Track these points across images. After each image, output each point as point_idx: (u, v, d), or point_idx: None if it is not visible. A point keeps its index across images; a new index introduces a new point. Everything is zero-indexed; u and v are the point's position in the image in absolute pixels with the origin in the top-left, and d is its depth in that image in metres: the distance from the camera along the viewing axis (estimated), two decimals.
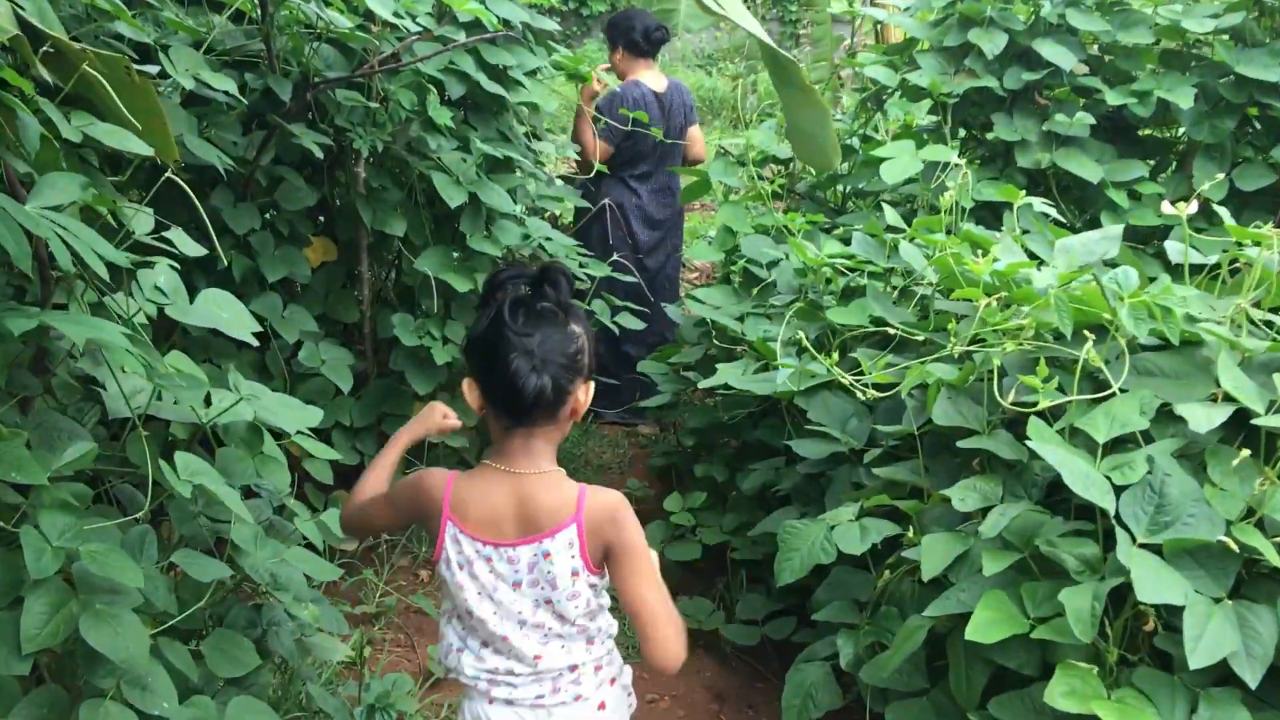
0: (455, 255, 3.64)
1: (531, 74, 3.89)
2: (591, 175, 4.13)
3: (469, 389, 1.67)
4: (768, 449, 3.43)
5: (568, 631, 1.70)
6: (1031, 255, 2.62)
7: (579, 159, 4.70)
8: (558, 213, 4.07)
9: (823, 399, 2.72)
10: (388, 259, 3.83)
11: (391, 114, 3.39)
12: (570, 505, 1.65)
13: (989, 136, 3.78)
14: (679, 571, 3.57)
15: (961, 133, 3.95)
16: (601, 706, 1.75)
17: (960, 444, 2.05)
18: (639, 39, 4.65)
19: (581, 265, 3.94)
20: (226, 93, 2.46)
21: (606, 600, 1.75)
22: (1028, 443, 1.82)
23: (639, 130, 4.44)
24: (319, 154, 3.03)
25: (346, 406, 3.64)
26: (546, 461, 1.68)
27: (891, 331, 2.65)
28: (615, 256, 4.33)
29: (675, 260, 4.93)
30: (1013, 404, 1.98)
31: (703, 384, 3.08)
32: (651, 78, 4.70)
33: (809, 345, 2.55)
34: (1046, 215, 2.87)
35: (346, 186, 3.60)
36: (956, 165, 2.90)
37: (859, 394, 2.41)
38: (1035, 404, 1.93)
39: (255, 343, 2.12)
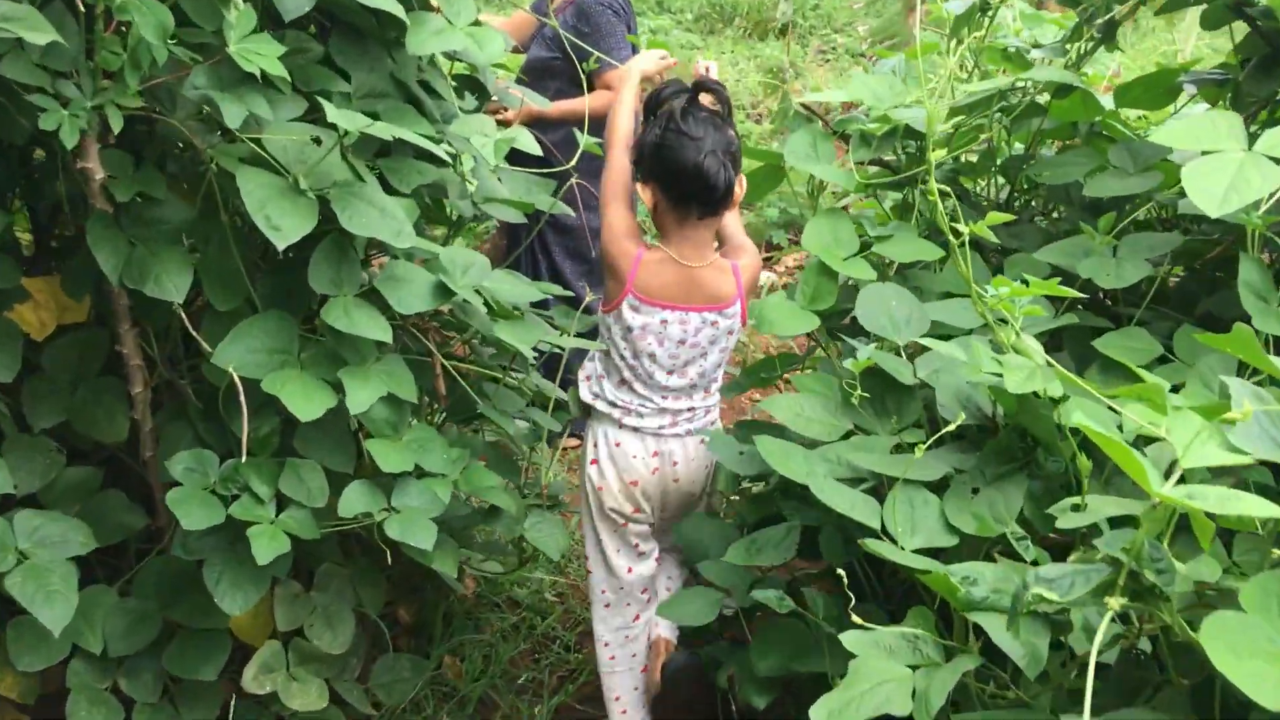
0: (300, 337, 1.84)
1: None
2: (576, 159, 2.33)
3: (644, 190, 2.07)
4: None
5: (700, 381, 2.16)
6: None
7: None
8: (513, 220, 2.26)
9: None
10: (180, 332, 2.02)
11: (135, 54, 1.57)
12: (731, 286, 2.08)
13: None
14: None
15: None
16: (701, 441, 2.20)
17: None
18: None
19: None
20: None
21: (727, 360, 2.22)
22: None
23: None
24: None
25: (96, 617, 1.88)
26: (710, 251, 2.09)
27: None
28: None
29: None
30: None
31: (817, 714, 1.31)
32: None
33: None
34: None
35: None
36: None
37: None
38: None
39: None
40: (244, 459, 1.78)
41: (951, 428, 1.53)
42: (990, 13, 2.21)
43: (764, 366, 2.27)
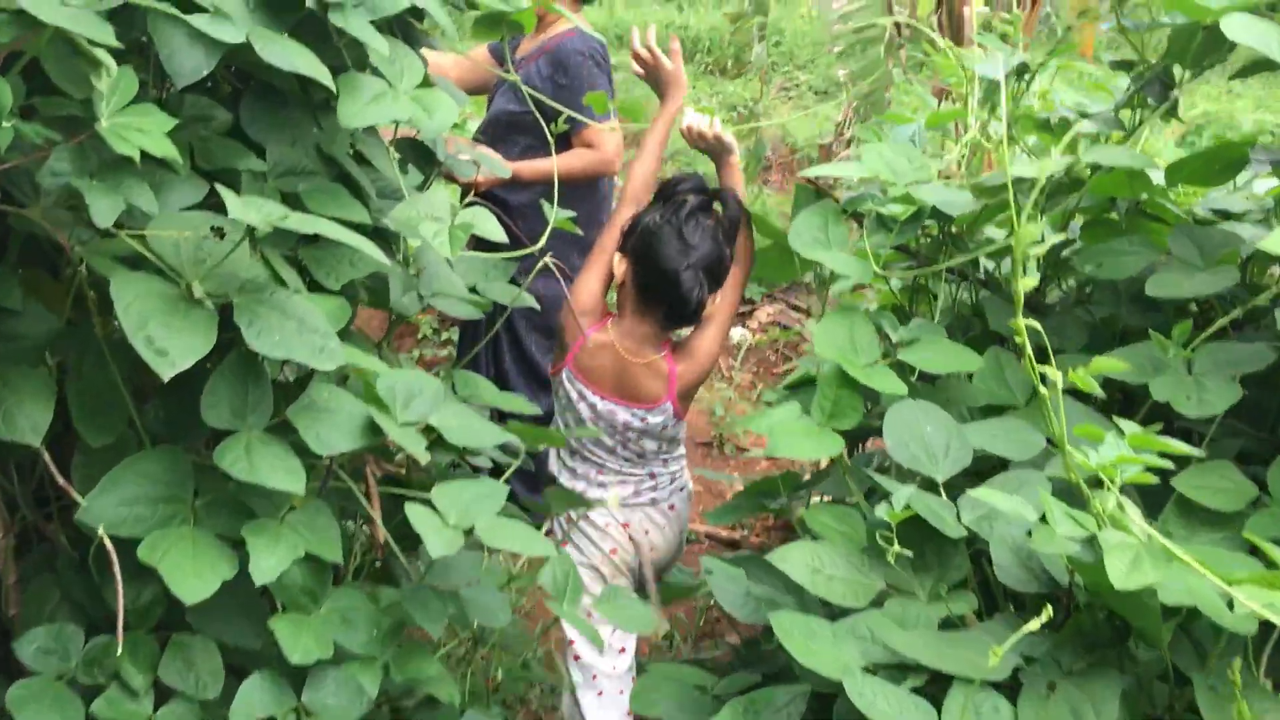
0: (201, 472, 1.46)
1: (406, 20, 1.74)
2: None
3: (619, 262, 2.00)
4: None
5: (642, 460, 2.07)
6: None
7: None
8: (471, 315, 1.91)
9: None
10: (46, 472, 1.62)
11: None
12: (661, 390, 2.00)
13: None
14: None
15: None
16: (672, 508, 2.14)
17: None
18: None
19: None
20: None
21: (682, 433, 2.12)
22: None
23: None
24: None
25: None
26: (653, 349, 2.01)
27: None
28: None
29: None
30: None
31: None
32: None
33: None
34: None
35: None
36: None
37: None
38: None
39: None
40: (117, 638, 1.39)
41: (1034, 625, 1.18)
42: (1028, 77, 1.89)
43: (764, 489, 1.93)
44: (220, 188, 1.31)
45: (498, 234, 1.69)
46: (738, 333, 5.18)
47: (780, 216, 6.54)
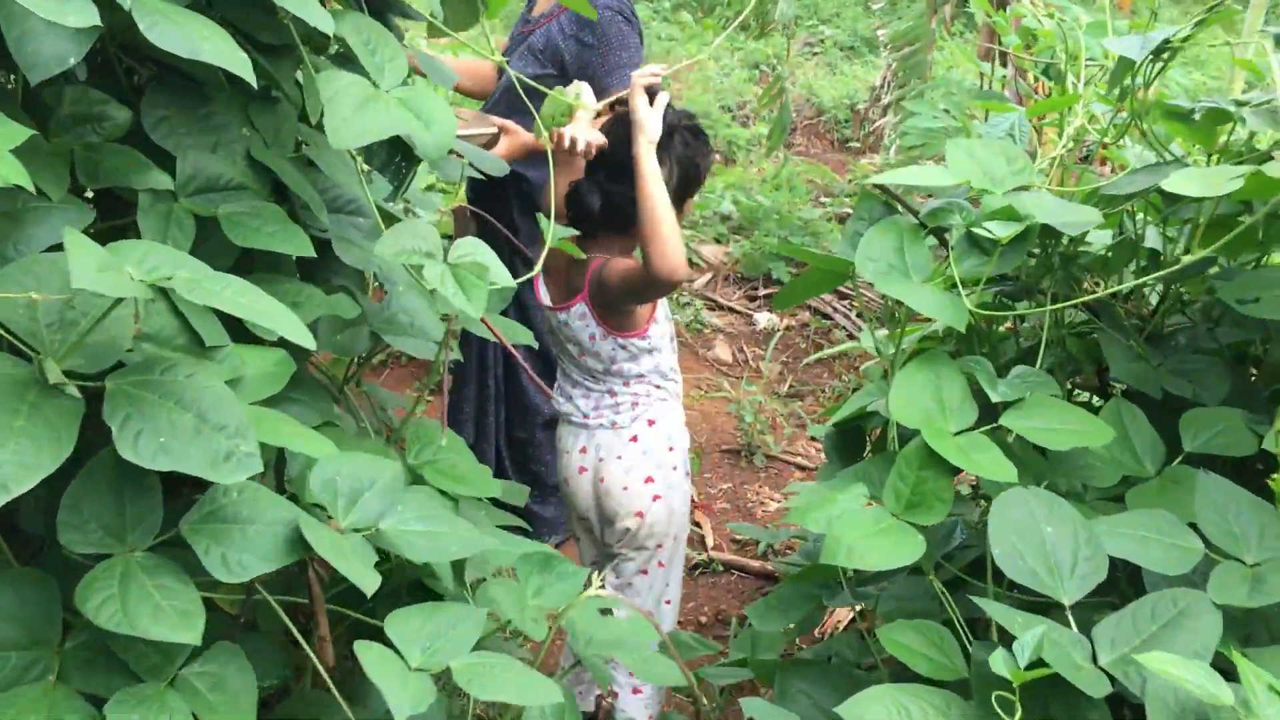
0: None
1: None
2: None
3: None
4: None
5: (601, 375, 2.07)
6: None
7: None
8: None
9: None
10: None
11: None
12: (581, 283, 2.00)
13: None
14: None
15: None
16: (634, 439, 2.06)
17: None
18: None
19: None
20: None
21: (644, 358, 2.05)
22: None
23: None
24: None
25: None
26: (597, 250, 1.99)
27: None
28: None
29: None
30: None
31: None
32: None
33: None
34: None
35: None
36: None
37: None
38: None
39: None
40: None
41: None
42: (1167, 56, 1.47)
43: (818, 577, 1.54)
44: (67, 232, 0.91)
45: (507, 279, 1.29)
46: (764, 318, 4.79)
47: (806, 184, 6.11)
